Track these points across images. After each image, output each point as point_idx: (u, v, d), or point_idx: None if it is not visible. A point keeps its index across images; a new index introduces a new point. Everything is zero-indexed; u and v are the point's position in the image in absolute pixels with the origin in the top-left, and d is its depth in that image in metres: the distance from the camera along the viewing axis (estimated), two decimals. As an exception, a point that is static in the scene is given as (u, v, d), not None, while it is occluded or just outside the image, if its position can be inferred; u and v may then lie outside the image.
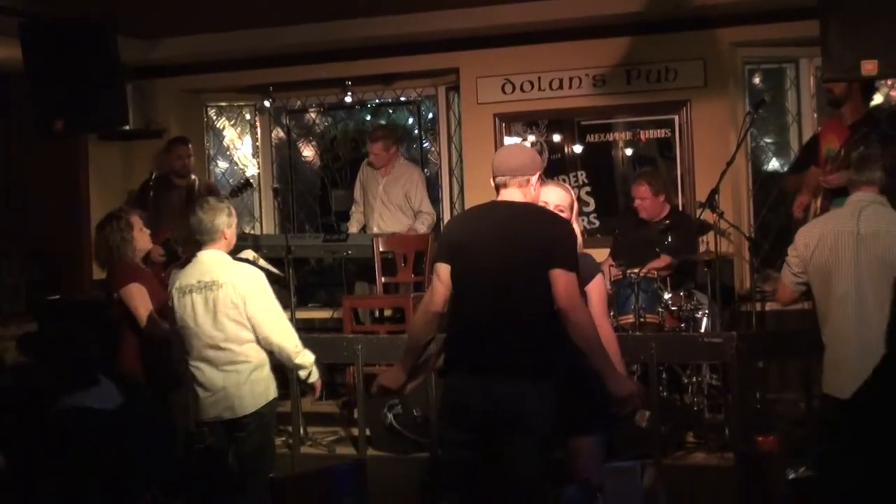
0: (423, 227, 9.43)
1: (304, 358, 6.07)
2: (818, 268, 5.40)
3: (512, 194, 4.96)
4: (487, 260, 4.85)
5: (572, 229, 5.02)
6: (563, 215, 5.20)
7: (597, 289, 5.29)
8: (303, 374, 6.14)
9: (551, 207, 5.19)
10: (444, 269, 4.97)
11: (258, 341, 5.92)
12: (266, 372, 6.00)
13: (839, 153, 6.93)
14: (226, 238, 6.00)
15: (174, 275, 6.15)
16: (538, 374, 4.75)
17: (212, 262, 5.95)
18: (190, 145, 9.68)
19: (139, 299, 6.48)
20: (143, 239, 6.78)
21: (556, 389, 4.76)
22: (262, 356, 5.97)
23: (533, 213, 4.96)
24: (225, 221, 5.98)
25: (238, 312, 5.85)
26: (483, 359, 4.83)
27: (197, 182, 9.60)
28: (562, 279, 4.73)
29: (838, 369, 5.34)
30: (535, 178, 4.98)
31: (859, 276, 5.23)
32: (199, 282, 5.88)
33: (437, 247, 5.17)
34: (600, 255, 8.47)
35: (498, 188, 5.01)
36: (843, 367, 5.29)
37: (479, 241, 4.91)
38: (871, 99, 7.58)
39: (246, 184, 9.64)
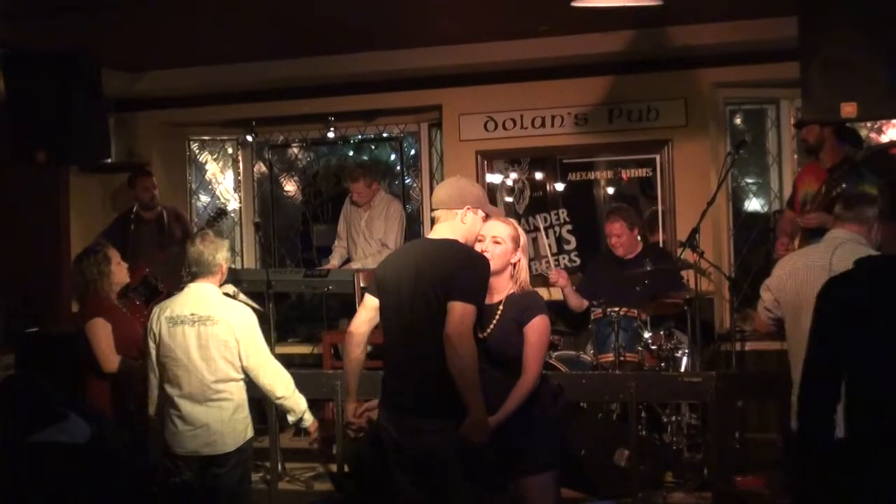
0: (370, 262, 9.41)
1: (294, 402, 6.08)
2: (789, 303, 5.38)
3: (439, 229, 5.06)
4: (399, 298, 4.97)
5: (480, 263, 4.96)
6: (500, 247, 5.17)
7: (535, 330, 5.14)
8: (292, 417, 6.13)
9: (488, 239, 5.17)
10: (367, 298, 5.17)
11: (244, 381, 5.92)
12: (246, 411, 5.99)
13: (818, 192, 6.96)
14: (222, 273, 6.02)
15: (161, 304, 6.11)
16: (444, 410, 4.78)
17: (206, 296, 5.94)
18: (154, 177, 9.67)
19: (101, 335, 6.41)
20: (120, 273, 6.75)
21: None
22: (244, 395, 5.96)
23: (443, 249, 4.97)
24: (224, 256, 6.02)
25: (229, 351, 5.83)
26: (396, 394, 4.98)
27: (164, 212, 9.57)
28: (456, 310, 4.76)
29: None
30: (462, 212, 5.01)
31: None
32: (192, 314, 5.86)
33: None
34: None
35: (432, 222, 5.12)
36: None
37: (394, 279, 5.01)
38: (855, 140, 7.64)
39: (220, 213, 9.62)
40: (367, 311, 5.16)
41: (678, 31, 8.51)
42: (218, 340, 5.82)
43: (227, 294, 7.87)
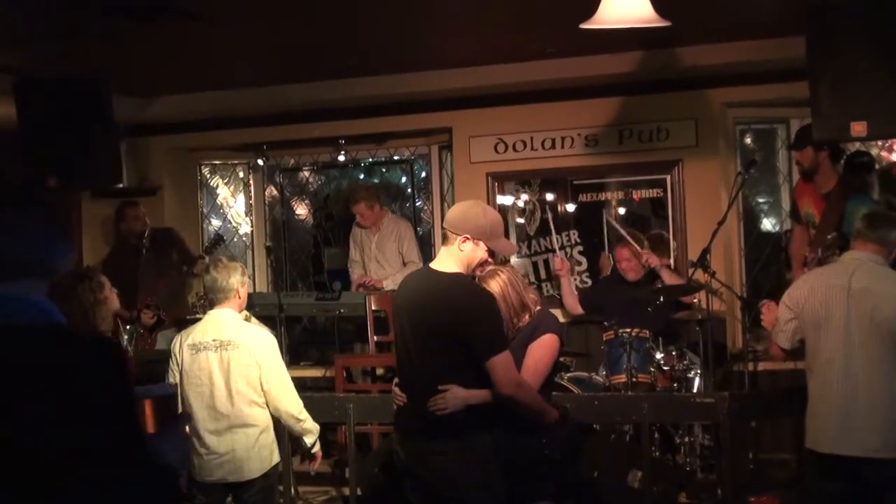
0: (390, 283, 9.42)
1: (311, 424, 6.10)
2: (808, 320, 5.39)
3: (441, 255, 5.00)
4: (407, 328, 4.94)
5: (488, 305, 4.92)
6: None
7: (540, 344, 5.26)
8: (309, 440, 6.11)
9: None
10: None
11: (266, 405, 5.92)
12: (272, 435, 5.99)
13: (818, 226, 6.95)
14: (239, 297, 6.03)
15: (182, 332, 6.11)
16: (451, 432, 4.79)
17: (227, 322, 5.95)
18: (141, 206, 9.67)
19: None
20: (113, 300, 6.61)
21: (478, 455, 4.81)
22: (269, 420, 5.96)
23: (448, 291, 4.89)
24: (239, 280, 6.01)
25: (251, 374, 5.84)
26: (406, 417, 5.00)
27: (157, 236, 9.51)
28: (498, 366, 4.75)
29: (818, 424, 5.34)
30: (460, 239, 4.90)
31: (848, 332, 5.21)
32: (214, 340, 5.87)
33: None
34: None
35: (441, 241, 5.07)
36: (823, 423, 5.30)
37: (404, 317, 4.98)
38: (866, 168, 7.64)
39: (217, 240, 9.63)
40: None
41: (687, 52, 8.52)
42: (240, 364, 5.83)
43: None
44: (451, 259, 4.93)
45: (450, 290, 4.89)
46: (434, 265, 5.03)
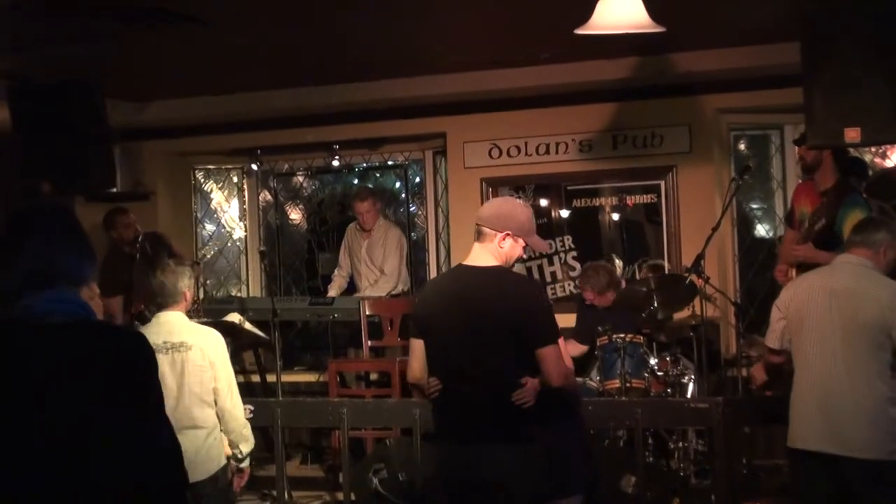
0: (377, 290, 9.44)
1: (250, 433, 6.08)
2: (793, 320, 5.42)
3: (479, 251, 4.94)
4: (456, 336, 4.85)
5: (540, 295, 4.95)
6: None
7: None
8: (245, 448, 6.05)
9: None
10: (416, 345, 5.05)
11: (214, 406, 5.91)
12: (218, 436, 5.95)
13: (810, 220, 6.96)
14: (186, 300, 6.01)
15: None
16: (515, 440, 4.75)
17: (177, 324, 5.92)
18: (130, 212, 9.63)
19: None
20: (95, 308, 6.55)
21: (536, 453, 4.78)
22: (215, 421, 5.94)
23: (499, 283, 4.87)
24: (186, 284, 5.98)
25: (205, 376, 5.82)
26: (463, 428, 4.87)
27: (146, 242, 9.40)
28: (550, 356, 4.74)
29: (796, 421, 5.36)
30: (500, 236, 4.89)
31: (832, 332, 5.22)
32: (165, 342, 5.83)
33: (411, 319, 5.18)
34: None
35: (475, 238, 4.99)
36: (806, 420, 5.31)
37: (446, 317, 4.89)
38: (861, 171, 7.64)
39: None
40: (420, 355, 5.03)
41: (681, 58, 8.53)
42: (194, 366, 5.81)
43: (232, 323, 7.89)
44: (489, 255, 4.90)
45: (501, 281, 4.87)
46: (470, 262, 4.96)
